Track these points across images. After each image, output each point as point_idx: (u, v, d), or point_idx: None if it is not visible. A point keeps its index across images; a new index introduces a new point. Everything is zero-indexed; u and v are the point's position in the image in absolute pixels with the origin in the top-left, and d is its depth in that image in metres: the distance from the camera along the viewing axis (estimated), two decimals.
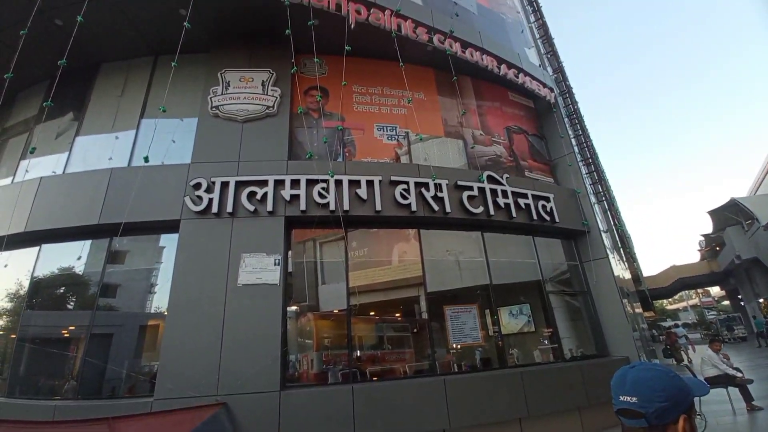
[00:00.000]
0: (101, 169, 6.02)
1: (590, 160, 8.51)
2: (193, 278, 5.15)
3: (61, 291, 6.13)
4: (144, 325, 5.78)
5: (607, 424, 5.71)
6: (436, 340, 5.81)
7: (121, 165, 6.17)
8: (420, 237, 6.21)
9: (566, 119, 8.90)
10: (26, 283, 5.89)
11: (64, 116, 7.16)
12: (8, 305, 6.18)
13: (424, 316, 5.95)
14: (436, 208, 6.01)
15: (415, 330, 6.29)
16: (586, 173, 8.33)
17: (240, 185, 5.60)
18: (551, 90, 8.85)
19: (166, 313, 5.17)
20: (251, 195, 5.55)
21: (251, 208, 5.48)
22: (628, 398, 0.92)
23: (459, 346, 6.02)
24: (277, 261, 5.26)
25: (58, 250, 5.93)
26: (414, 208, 5.91)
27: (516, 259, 7.03)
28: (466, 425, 4.97)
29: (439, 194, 6.08)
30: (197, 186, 5.56)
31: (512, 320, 6.59)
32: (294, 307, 5.61)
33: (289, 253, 5.65)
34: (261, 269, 5.17)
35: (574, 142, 8.61)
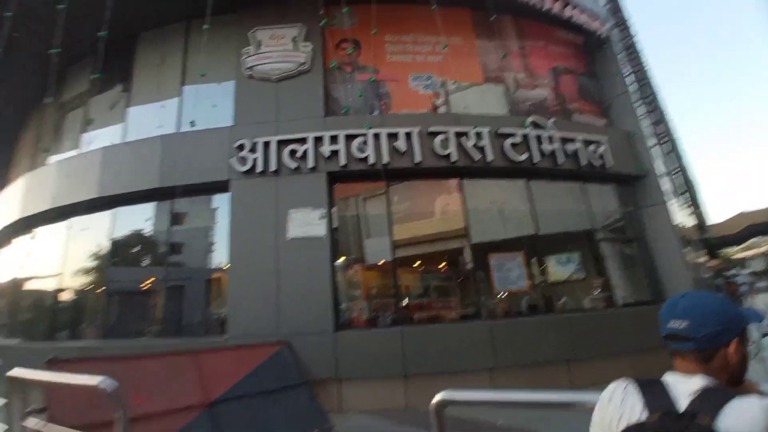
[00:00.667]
0: (154, 136, 6.42)
1: (650, 99, 7.74)
2: (248, 234, 5.51)
3: (137, 250, 6.85)
4: (209, 279, 6.36)
5: (660, 366, 5.60)
6: (481, 288, 5.88)
7: (170, 131, 6.50)
8: (462, 188, 6.12)
9: (623, 54, 8.04)
10: (107, 244, 6.63)
11: (113, 88, 7.58)
12: (94, 264, 7.03)
13: (469, 266, 5.99)
14: (476, 157, 5.84)
15: (460, 279, 6.38)
16: (645, 113, 7.62)
17: (281, 144, 5.75)
18: (603, 23, 7.98)
19: (226, 267, 5.65)
20: (292, 153, 5.69)
21: (293, 165, 5.64)
22: (679, 322, 0.89)
23: (505, 293, 6.06)
24: (322, 215, 5.46)
25: (130, 212, 6.55)
26: (454, 158, 5.78)
27: (564, 207, 6.76)
28: (513, 365, 5.11)
29: (480, 143, 5.87)
30: (241, 147, 5.77)
31: (560, 268, 6.47)
32: (341, 260, 5.86)
33: (334, 208, 5.82)
34: (307, 223, 5.40)
35: (631, 79, 7.83)
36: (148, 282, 6.72)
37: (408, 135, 5.76)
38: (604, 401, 0.91)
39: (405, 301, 5.87)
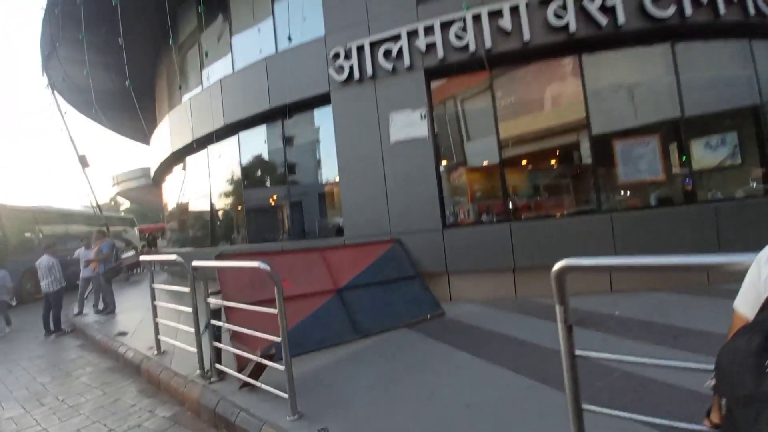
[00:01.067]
0: (257, 61, 6.79)
1: None
2: (352, 142, 5.76)
3: (261, 172, 7.86)
4: (323, 192, 7.03)
5: None
6: (601, 182, 5.29)
7: (270, 53, 6.76)
8: (581, 67, 5.23)
9: None
10: (238, 169, 7.70)
11: (216, 21, 8.05)
12: (231, 187, 8.32)
13: (587, 160, 5.37)
14: (603, 22, 4.81)
15: (576, 175, 5.82)
16: None
17: (374, 46, 5.53)
18: None
19: (336, 180, 6.10)
20: (387, 54, 5.46)
21: (389, 66, 5.45)
22: None
23: (630, 184, 5.36)
24: (422, 115, 5.32)
25: (250, 136, 7.38)
26: (573, 28, 4.86)
27: (720, 75, 5.34)
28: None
29: (609, 2, 4.77)
30: (336, 56, 5.75)
31: (708, 153, 5.36)
32: (444, 163, 5.79)
33: (433, 111, 5.60)
34: (409, 125, 5.35)
35: None
36: (273, 199, 7.76)
37: (514, 9, 4.97)
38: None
39: (513, 202, 5.66)
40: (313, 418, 2.39)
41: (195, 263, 3.28)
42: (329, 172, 6.84)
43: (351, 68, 5.66)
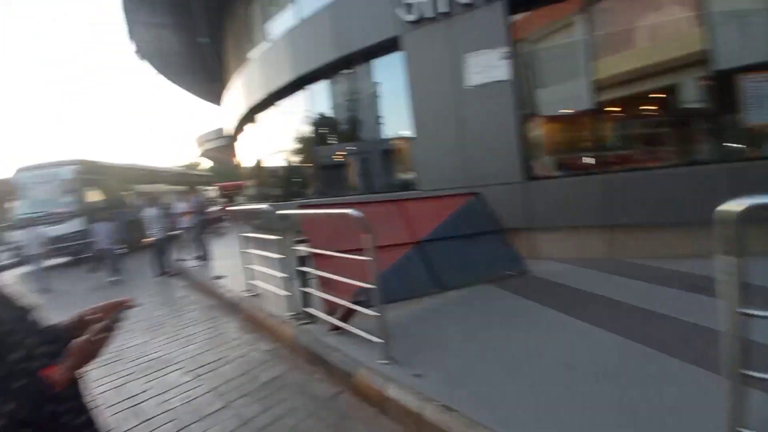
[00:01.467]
0: (321, 9, 6.55)
1: None
2: (425, 89, 5.45)
3: (332, 125, 7.87)
4: (392, 146, 6.88)
5: None
6: (718, 128, 4.45)
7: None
8: None
9: None
10: (308, 125, 7.82)
11: None
12: (301, 143, 8.52)
13: (700, 100, 4.51)
14: None
15: (684, 120, 4.96)
16: None
17: None
18: None
19: (407, 133, 5.88)
20: None
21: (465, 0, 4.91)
22: None
23: (757, 129, 4.45)
24: (503, 54, 4.80)
25: (318, 90, 7.36)
26: None
27: None
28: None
29: None
30: None
31: None
32: (527, 109, 5.27)
33: (515, 50, 5.01)
34: (487, 67, 4.88)
35: None
36: (342, 154, 7.81)
37: None
38: None
39: (607, 152, 5.03)
40: (406, 363, 2.44)
41: (282, 212, 3.41)
42: (399, 124, 6.64)
43: (421, 6, 5.21)
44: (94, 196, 10.77)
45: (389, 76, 6.56)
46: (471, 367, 2.37)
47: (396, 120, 6.68)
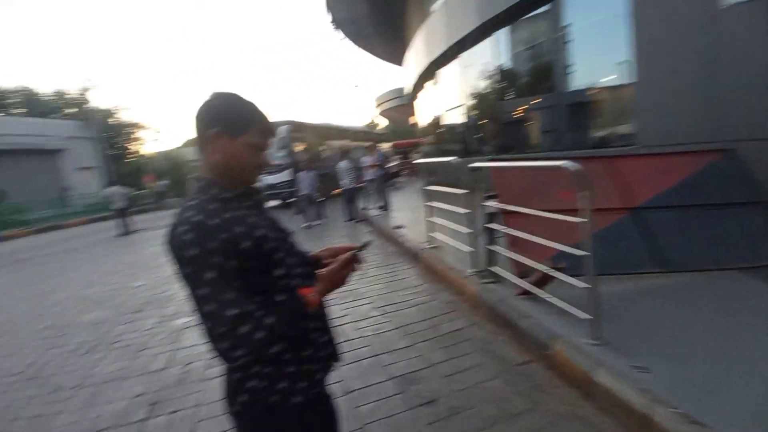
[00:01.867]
0: None
1: None
2: (658, 18, 4.13)
3: (521, 74, 7.12)
4: (580, 101, 5.70)
5: None
6: None
7: None
8: None
9: None
10: (492, 75, 7.27)
11: None
12: (484, 96, 8.06)
13: None
14: None
15: None
16: None
17: None
18: None
19: (606, 82, 4.71)
20: None
21: None
22: None
23: None
24: None
25: (505, 36, 6.65)
26: None
27: None
28: None
29: None
30: None
31: None
32: None
33: None
34: None
35: None
36: (530, 106, 6.97)
37: None
38: None
39: None
40: (621, 349, 2.01)
41: (475, 164, 3.24)
42: (602, 70, 5.41)
43: None
44: (299, 150, 13.03)
45: (592, 12, 5.35)
46: (713, 375, 1.75)
47: (597, 66, 5.49)
